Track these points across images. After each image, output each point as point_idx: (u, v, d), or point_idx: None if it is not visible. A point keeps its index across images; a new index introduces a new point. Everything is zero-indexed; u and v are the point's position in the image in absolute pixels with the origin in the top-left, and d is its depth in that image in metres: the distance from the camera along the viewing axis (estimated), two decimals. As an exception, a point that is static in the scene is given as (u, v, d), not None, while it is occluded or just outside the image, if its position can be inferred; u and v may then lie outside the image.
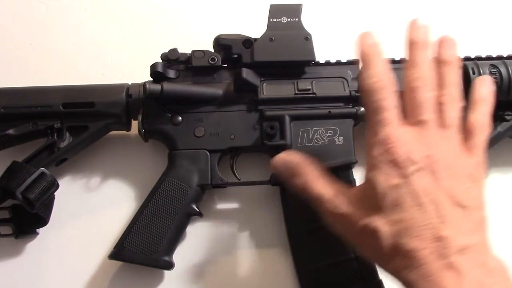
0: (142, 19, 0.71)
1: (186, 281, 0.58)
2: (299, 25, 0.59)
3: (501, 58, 0.60)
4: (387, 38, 0.69)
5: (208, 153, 0.58)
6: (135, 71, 0.62)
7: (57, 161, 0.59)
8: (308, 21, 0.59)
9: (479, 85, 0.49)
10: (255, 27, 0.59)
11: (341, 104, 0.59)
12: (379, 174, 0.43)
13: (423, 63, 0.47)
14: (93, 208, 0.61)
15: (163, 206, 0.57)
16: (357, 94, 0.58)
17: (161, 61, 0.60)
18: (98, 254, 0.59)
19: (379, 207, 0.42)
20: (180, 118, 0.59)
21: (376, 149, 0.44)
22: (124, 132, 0.62)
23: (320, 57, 0.59)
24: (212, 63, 0.59)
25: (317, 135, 0.58)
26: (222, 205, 0.62)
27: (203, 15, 0.71)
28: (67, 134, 0.59)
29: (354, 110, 0.58)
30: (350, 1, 0.72)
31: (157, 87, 0.58)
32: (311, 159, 0.49)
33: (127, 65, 0.67)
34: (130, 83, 0.60)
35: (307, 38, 0.59)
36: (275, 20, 0.59)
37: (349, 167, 0.58)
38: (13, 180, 0.55)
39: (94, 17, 0.71)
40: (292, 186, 0.49)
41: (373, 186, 0.43)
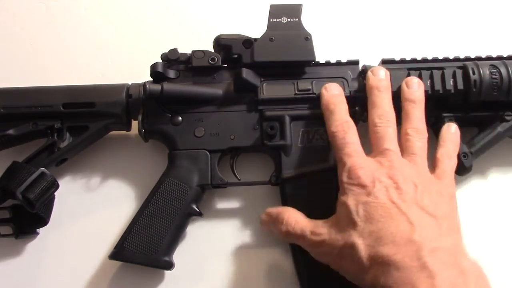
0: (142, 19, 0.71)
1: (186, 281, 0.58)
2: (299, 25, 0.59)
3: (501, 58, 0.60)
4: (387, 38, 0.70)
5: (208, 153, 0.58)
6: (135, 71, 0.62)
7: (57, 161, 0.59)
8: (308, 21, 0.59)
9: (447, 128, 0.56)
10: (255, 27, 0.59)
11: None
12: (349, 196, 0.48)
13: (382, 103, 0.54)
14: (93, 208, 0.61)
15: (163, 206, 0.57)
16: (357, 94, 0.58)
17: (161, 61, 0.60)
18: (98, 254, 0.59)
19: (353, 223, 0.47)
20: (180, 118, 0.59)
21: (344, 176, 0.50)
22: (124, 132, 0.62)
23: (320, 57, 0.59)
24: (212, 63, 0.59)
25: (317, 135, 0.58)
26: (222, 205, 0.62)
27: (203, 15, 0.71)
28: (67, 134, 0.59)
29: (353, 110, 0.58)
30: (350, 1, 0.72)
31: (157, 87, 0.58)
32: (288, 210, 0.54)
33: (127, 65, 0.67)
34: (130, 83, 0.60)
35: (307, 38, 0.59)
36: (275, 20, 0.59)
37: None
38: (13, 180, 0.55)
39: (94, 17, 0.71)
40: (279, 234, 0.53)
41: (346, 206, 0.48)
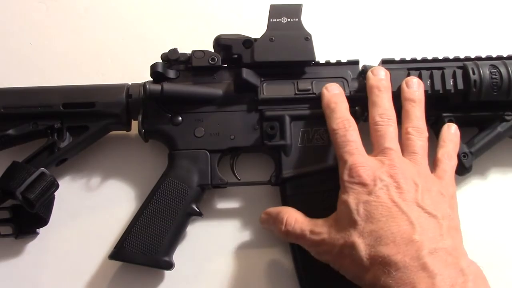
0: (142, 19, 0.71)
1: (186, 281, 0.58)
2: (299, 25, 0.59)
3: (501, 58, 0.60)
4: (387, 38, 0.70)
5: (208, 153, 0.58)
6: (135, 71, 0.62)
7: (57, 161, 0.59)
8: (308, 21, 0.59)
9: (447, 128, 0.57)
10: (255, 27, 0.59)
11: None
12: (350, 194, 0.48)
13: (382, 102, 0.54)
14: (93, 208, 0.61)
15: (163, 206, 0.57)
16: (357, 94, 0.58)
17: (161, 61, 0.60)
18: (98, 254, 0.59)
19: (354, 222, 0.47)
20: (180, 118, 0.59)
21: (345, 175, 0.49)
22: (124, 132, 0.62)
23: (320, 57, 0.59)
24: (212, 63, 0.59)
25: (317, 135, 0.58)
26: (222, 205, 0.62)
27: (203, 15, 0.71)
28: (67, 134, 0.59)
29: (354, 110, 0.58)
30: (350, 1, 0.72)
31: (157, 87, 0.58)
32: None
33: (127, 65, 0.67)
34: (130, 83, 0.60)
35: (307, 38, 0.59)
36: (275, 20, 0.59)
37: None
38: (13, 180, 0.55)
39: (94, 17, 0.71)
40: (279, 234, 0.53)
41: (346, 205, 0.48)
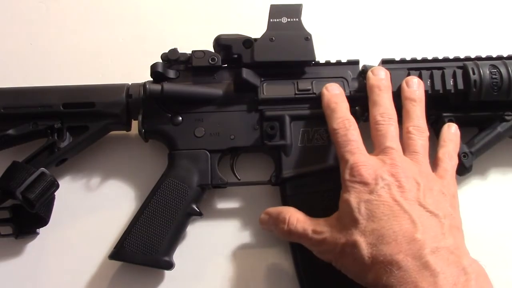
0: (142, 19, 0.71)
1: (186, 281, 0.58)
2: (299, 25, 0.59)
3: (501, 58, 0.60)
4: (387, 38, 0.70)
5: (208, 153, 0.58)
6: (135, 71, 0.62)
7: (57, 161, 0.59)
8: (308, 21, 0.59)
9: (447, 128, 0.57)
10: (255, 27, 0.59)
11: None
12: (352, 193, 0.48)
13: (383, 102, 0.54)
14: (93, 208, 0.61)
15: (163, 206, 0.57)
16: (357, 94, 0.58)
17: (161, 61, 0.60)
18: (98, 254, 0.59)
19: (355, 221, 0.47)
20: (180, 118, 0.59)
21: (346, 174, 0.49)
22: (124, 132, 0.62)
23: (320, 57, 0.59)
24: (212, 63, 0.59)
25: (317, 135, 0.58)
26: (222, 205, 0.62)
27: (203, 15, 0.71)
28: (67, 134, 0.59)
29: (354, 110, 0.58)
30: (350, 1, 0.72)
31: (157, 87, 0.58)
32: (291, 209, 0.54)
33: (127, 65, 0.67)
34: (130, 83, 0.60)
35: (307, 38, 0.59)
36: (275, 20, 0.59)
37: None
38: (13, 180, 0.55)
39: (94, 17, 0.71)
40: (281, 233, 0.53)
41: (348, 204, 0.48)
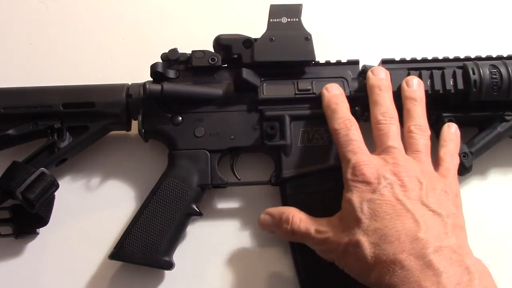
0: (142, 19, 0.71)
1: (186, 281, 0.58)
2: (299, 25, 0.59)
3: (501, 58, 0.60)
4: (387, 38, 0.70)
5: (208, 153, 0.58)
6: (135, 71, 0.62)
7: (57, 161, 0.59)
8: (308, 21, 0.59)
9: (447, 128, 0.57)
10: (255, 27, 0.59)
11: None
12: (354, 193, 0.48)
13: (384, 101, 0.54)
14: (93, 208, 0.61)
15: (163, 206, 0.57)
16: (357, 94, 0.58)
17: (161, 61, 0.60)
18: (98, 254, 0.59)
19: (358, 220, 0.47)
20: (180, 118, 0.59)
21: (349, 173, 0.49)
22: (124, 132, 0.62)
23: (320, 57, 0.59)
24: (212, 63, 0.59)
25: (317, 135, 0.58)
26: (222, 205, 0.62)
27: (203, 15, 0.71)
28: (67, 134, 0.59)
29: (354, 110, 0.58)
30: (350, 1, 0.72)
31: (157, 87, 0.58)
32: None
33: (127, 65, 0.67)
34: (130, 83, 0.60)
35: (307, 38, 0.59)
36: (275, 20, 0.59)
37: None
38: (13, 180, 0.55)
39: (94, 17, 0.71)
40: (282, 233, 0.53)
41: (351, 203, 0.48)
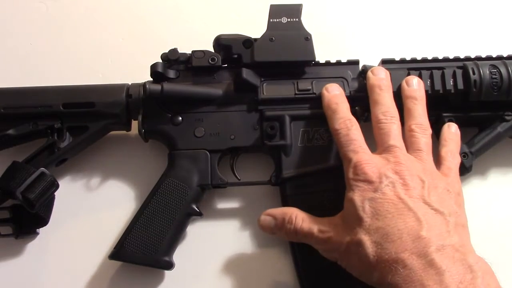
0: (142, 19, 0.71)
1: (186, 281, 0.58)
2: (299, 25, 0.59)
3: (501, 58, 0.60)
4: (387, 38, 0.70)
5: (208, 153, 0.58)
6: (135, 71, 0.62)
7: (57, 161, 0.59)
8: (308, 21, 0.59)
9: (447, 128, 0.57)
10: (255, 27, 0.59)
11: None
12: (356, 192, 0.48)
13: (385, 101, 0.54)
14: (93, 208, 0.61)
15: (163, 206, 0.57)
16: (357, 94, 0.58)
17: (161, 61, 0.60)
18: (98, 254, 0.59)
19: (360, 219, 0.47)
20: (180, 118, 0.59)
21: (350, 173, 0.49)
22: (124, 132, 0.62)
23: (320, 57, 0.59)
24: (212, 63, 0.59)
25: (317, 135, 0.58)
26: (222, 205, 0.62)
27: (203, 15, 0.71)
28: (67, 134, 0.59)
29: (354, 110, 0.58)
30: (350, 1, 0.72)
31: (157, 87, 0.58)
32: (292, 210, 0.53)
33: (127, 65, 0.67)
34: (130, 83, 0.60)
35: (307, 38, 0.59)
36: (275, 20, 0.59)
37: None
38: (13, 180, 0.55)
39: (94, 17, 0.71)
40: (285, 234, 0.53)
41: (353, 203, 0.48)
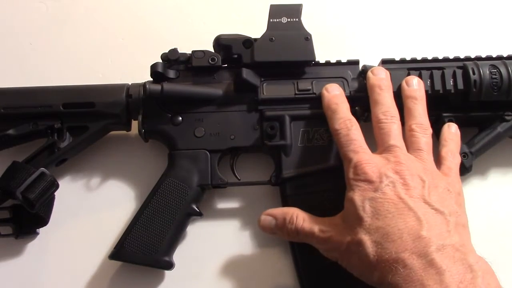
0: (142, 19, 0.71)
1: (186, 281, 0.58)
2: (299, 25, 0.59)
3: (501, 58, 0.60)
4: (387, 38, 0.70)
5: (208, 153, 0.58)
6: (135, 71, 0.62)
7: (57, 161, 0.59)
8: (308, 21, 0.59)
9: (447, 128, 0.57)
10: (255, 27, 0.59)
11: None
12: (356, 192, 0.48)
13: (385, 100, 0.54)
14: (93, 208, 0.61)
15: (163, 206, 0.57)
16: (357, 94, 0.58)
17: (161, 61, 0.60)
18: (98, 254, 0.59)
19: (360, 219, 0.47)
20: (180, 118, 0.59)
21: (350, 173, 0.49)
22: (124, 132, 0.62)
23: (320, 57, 0.59)
24: (212, 63, 0.59)
25: (317, 135, 0.58)
26: (222, 205, 0.62)
27: (203, 15, 0.71)
28: (67, 134, 0.59)
29: (354, 110, 0.58)
30: (350, 1, 0.72)
31: (157, 87, 0.58)
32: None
33: (127, 65, 0.67)
34: (130, 83, 0.60)
35: (307, 38, 0.59)
36: (275, 20, 0.59)
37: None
38: (13, 180, 0.55)
39: (94, 17, 0.71)
40: (286, 233, 0.53)
41: (353, 202, 0.48)
